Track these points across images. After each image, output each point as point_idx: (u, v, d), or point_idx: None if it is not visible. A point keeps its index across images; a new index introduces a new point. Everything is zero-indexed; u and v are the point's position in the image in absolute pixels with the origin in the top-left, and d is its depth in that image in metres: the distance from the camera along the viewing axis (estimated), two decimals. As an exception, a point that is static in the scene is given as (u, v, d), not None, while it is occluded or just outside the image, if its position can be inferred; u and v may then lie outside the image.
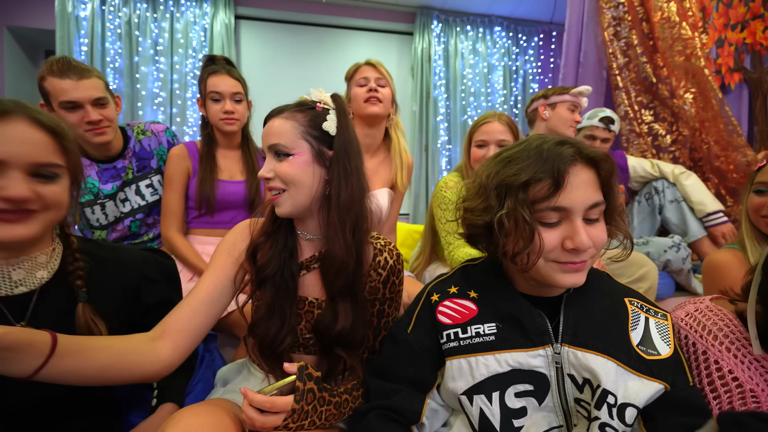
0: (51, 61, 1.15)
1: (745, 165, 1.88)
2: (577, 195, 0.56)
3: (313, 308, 0.75)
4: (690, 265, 1.58)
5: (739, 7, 2.03)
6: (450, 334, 0.64)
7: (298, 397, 0.61)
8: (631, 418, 0.56)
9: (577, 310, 0.64)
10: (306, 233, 0.77)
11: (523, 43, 4.01)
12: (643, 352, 0.61)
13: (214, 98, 1.29)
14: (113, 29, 3.06)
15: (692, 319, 0.70)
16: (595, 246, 0.58)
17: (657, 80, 2.03)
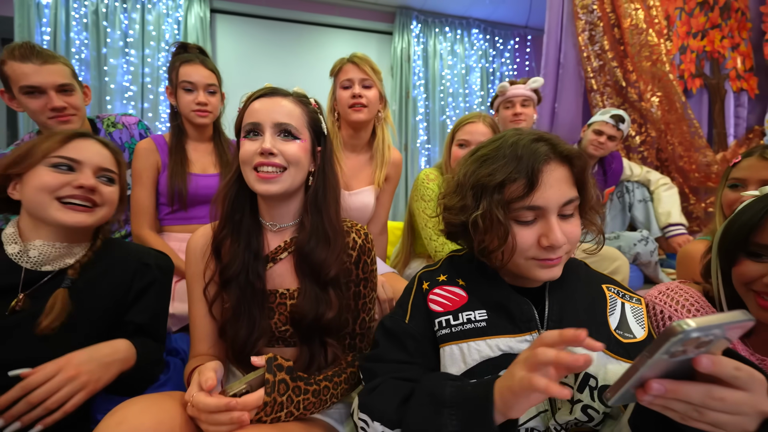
0: (13, 45, 1.09)
1: (705, 165, 2.01)
2: (551, 193, 0.58)
3: (285, 299, 0.74)
4: (657, 257, 1.67)
5: (699, 16, 2.17)
6: (442, 322, 0.65)
7: (269, 390, 0.59)
8: None
9: (560, 297, 0.66)
10: (276, 224, 0.76)
11: (500, 46, 4.11)
12: (621, 335, 0.64)
13: (187, 88, 1.24)
14: (78, 18, 2.91)
15: (665, 296, 0.75)
16: (569, 241, 0.60)
17: (627, 84, 2.14)
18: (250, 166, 0.70)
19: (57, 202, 0.71)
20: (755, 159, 0.98)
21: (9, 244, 0.72)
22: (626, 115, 1.86)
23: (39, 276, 0.72)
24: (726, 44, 2.16)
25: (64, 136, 0.75)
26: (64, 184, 0.71)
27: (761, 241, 0.63)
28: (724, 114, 2.15)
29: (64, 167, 0.73)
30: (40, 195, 0.70)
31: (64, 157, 0.73)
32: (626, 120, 1.85)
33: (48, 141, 0.74)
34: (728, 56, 2.16)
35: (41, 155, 0.72)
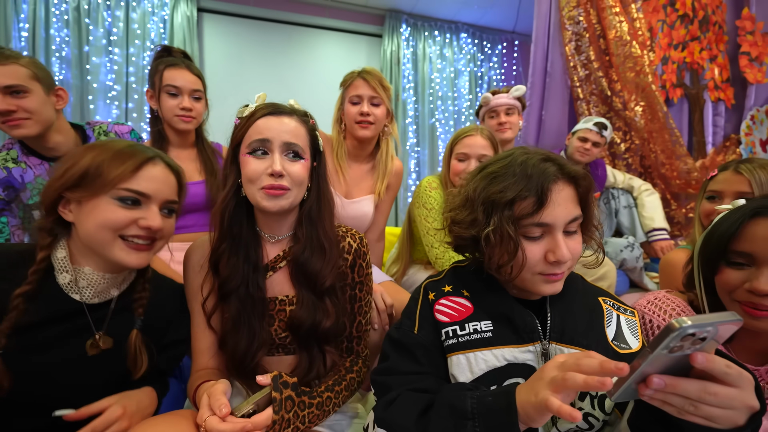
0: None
1: (686, 172, 2.09)
2: (559, 211, 0.61)
3: (284, 306, 0.76)
4: (642, 263, 1.73)
5: (680, 29, 2.25)
6: (449, 332, 0.66)
7: (277, 408, 0.60)
8: (610, 407, 0.62)
9: (561, 309, 0.69)
10: (274, 235, 0.78)
11: (488, 51, 4.17)
12: (617, 346, 0.66)
13: (171, 92, 1.21)
14: (59, 15, 2.82)
15: (653, 306, 0.79)
16: (573, 257, 0.63)
17: (611, 93, 2.20)
18: (258, 186, 0.71)
19: (120, 241, 0.66)
20: (730, 173, 1.03)
21: (61, 273, 0.67)
22: (608, 123, 1.93)
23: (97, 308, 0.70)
24: (705, 56, 2.25)
25: (137, 163, 0.67)
26: (130, 222, 0.66)
27: (739, 248, 0.66)
28: (703, 123, 2.25)
29: (130, 201, 0.66)
30: (103, 232, 0.65)
31: (133, 191, 0.66)
32: (609, 127, 1.92)
33: (119, 167, 0.65)
34: (707, 67, 2.25)
35: (109, 185, 0.64)
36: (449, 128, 3.99)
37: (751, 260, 0.65)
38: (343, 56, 3.79)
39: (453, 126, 4.00)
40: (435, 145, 3.95)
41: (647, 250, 1.92)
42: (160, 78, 1.20)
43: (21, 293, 0.62)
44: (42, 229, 0.67)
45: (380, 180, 1.34)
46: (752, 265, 0.65)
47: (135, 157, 0.67)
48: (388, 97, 1.31)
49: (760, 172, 0.98)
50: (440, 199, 1.30)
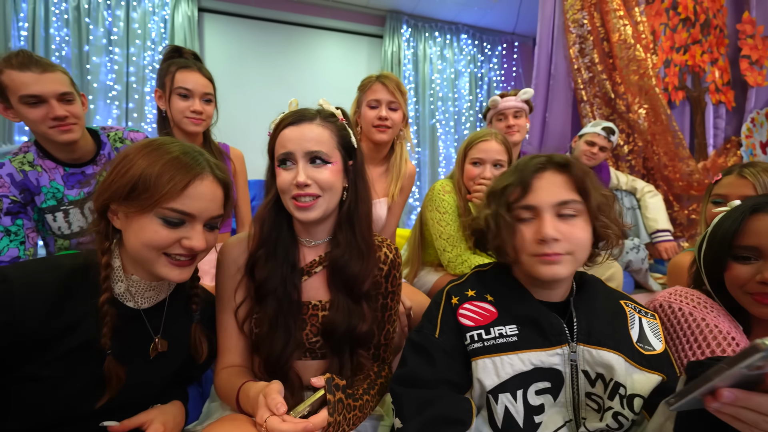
0: (9, 54, 1.05)
1: (688, 174, 2.11)
2: (543, 195, 0.67)
3: (317, 311, 0.77)
4: (647, 264, 1.75)
5: (682, 32, 2.28)
6: (474, 336, 0.67)
7: (331, 410, 0.61)
8: (638, 407, 0.63)
9: (586, 312, 0.70)
10: (311, 240, 0.79)
11: (488, 52, 4.18)
12: (642, 348, 0.68)
13: (182, 94, 1.21)
14: (59, 14, 2.79)
15: (676, 295, 0.80)
16: (566, 240, 0.65)
17: (615, 96, 2.22)
18: (288, 195, 0.72)
19: (164, 258, 0.66)
20: (734, 177, 1.05)
21: (116, 283, 0.68)
22: (615, 127, 1.94)
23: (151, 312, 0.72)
24: (706, 59, 2.28)
25: (186, 180, 0.64)
26: (173, 242, 0.65)
27: (744, 243, 0.69)
28: (704, 125, 2.27)
29: (176, 221, 0.64)
30: (147, 250, 0.64)
31: (179, 211, 0.64)
32: (616, 132, 1.94)
33: (167, 184, 0.62)
34: (708, 70, 2.28)
35: (156, 203, 0.62)
36: (449, 129, 4.01)
37: (758, 253, 0.68)
38: (344, 57, 3.79)
39: (453, 127, 4.01)
40: (435, 145, 3.96)
41: (651, 252, 1.94)
42: (172, 79, 1.20)
43: (104, 300, 0.63)
44: (99, 232, 0.67)
45: (394, 183, 1.35)
46: (760, 258, 0.68)
47: (185, 172, 0.64)
48: (405, 101, 1.32)
49: (764, 176, 1.00)
50: (453, 203, 1.30)
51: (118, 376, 0.65)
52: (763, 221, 0.68)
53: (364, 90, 1.34)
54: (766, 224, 0.67)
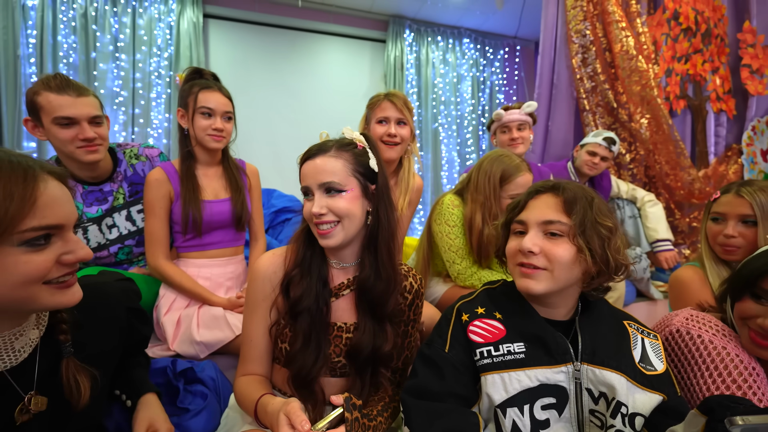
0: (47, 77, 1.12)
1: (689, 183, 2.14)
2: (533, 213, 0.75)
3: (341, 333, 0.80)
4: (649, 274, 1.78)
5: (683, 42, 2.30)
6: (483, 352, 0.71)
7: (349, 428, 0.64)
8: (640, 425, 0.66)
9: (590, 331, 0.73)
10: (339, 262, 0.82)
11: (490, 56, 4.21)
12: (644, 368, 0.71)
13: (205, 113, 1.25)
14: (66, 22, 2.82)
15: (694, 321, 0.81)
16: (545, 255, 0.70)
17: (617, 105, 2.25)
18: (311, 224, 0.77)
19: (47, 288, 0.53)
20: (732, 196, 1.08)
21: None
22: (616, 137, 1.97)
23: (26, 365, 0.57)
24: (707, 68, 2.30)
25: (30, 191, 0.50)
26: (52, 265, 0.53)
27: (767, 287, 0.70)
28: (705, 133, 2.30)
29: (43, 240, 0.52)
30: (23, 289, 0.51)
31: (44, 227, 0.51)
32: (617, 142, 1.96)
33: (9, 205, 0.48)
34: (709, 79, 2.31)
35: (7, 230, 0.48)
36: (452, 133, 4.03)
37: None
38: (347, 61, 3.81)
39: (456, 131, 4.04)
40: (438, 149, 3.98)
41: (652, 260, 1.97)
42: (195, 99, 1.24)
43: None
44: None
45: (403, 196, 1.39)
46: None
47: (22, 180, 0.49)
48: (412, 117, 1.37)
49: (761, 195, 1.02)
50: (462, 217, 1.34)
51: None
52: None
53: (372, 108, 1.38)
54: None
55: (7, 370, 0.55)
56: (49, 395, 0.58)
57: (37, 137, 1.16)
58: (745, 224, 1.03)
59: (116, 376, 0.78)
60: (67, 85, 1.12)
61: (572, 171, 2.02)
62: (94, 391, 0.61)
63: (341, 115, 3.67)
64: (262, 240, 1.40)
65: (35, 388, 0.57)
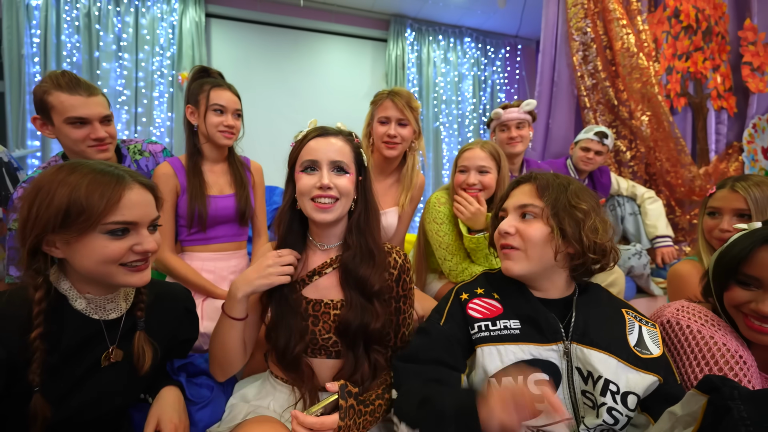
0: (55, 75, 1.12)
1: (690, 180, 2.14)
2: (511, 201, 0.84)
3: (329, 309, 0.83)
4: (649, 270, 1.78)
5: (684, 39, 2.30)
6: (481, 326, 0.76)
7: (343, 415, 0.66)
8: (633, 404, 0.69)
9: (585, 313, 0.77)
10: (324, 244, 0.86)
11: (491, 55, 4.21)
12: (639, 352, 0.74)
13: (217, 110, 1.27)
14: (70, 21, 2.84)
15: (684, 312, 0.83)
16: (520, 235, 0.78)
17: (618, 102, 2.25)
18: (308, 197, 0.80)
19: (122, 268, 0.68)
20: (727, 191, 1.09)
21: (75, 300, 0.70)
22: (608, 131, 1.97)
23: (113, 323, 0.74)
24: (708, 65, 2.31)
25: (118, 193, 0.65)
26: (126, 251, 0.67)
27: (749, 272, 0.72)
28: (706, 131, 2.30)
29: (120, 232, 0.66)
30: (104, 266, 0.66)
31: (121, 222, 0.66)
32: (609, 135, 1.97)
33: (100, 201, 0.63)
34: (710, 77, 2.31)
35: (96, 221, 0.63)
36: (453, 132, 4.04)
37: (759, 284, 0.72)
38: (349, 61, 3.82)
39: (457, 130, 4.05)
40: (439, 148, 3.99)
41: (652, 257, 1.98)
42: (207, 97, 1.26)
43: (36, 336, 0.63)
44: (30, 269, 0.66)
45: (405, 193, 1.39)
46: (760, 288, 0.72)
47: (112, 186, 0.65)
48: (415, 116, 1.36)
49: (755, 190, 1.04)
50: (449, 213, 1.34)
51: (44, 415, 0.64)
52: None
53: (376, 106, 1.38)
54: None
55: (102, 321, 0.73)
56: (125, 354, 0.74)
57: (45, 135, 1.17)
58: (740, 218, 1.04)
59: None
60: (77, 84, 1.12)
61: (571, 168, 2.03)
62: (154, 361, 0.77)
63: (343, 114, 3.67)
64: (265, 236, 1.42)
65: (117, 343, 0.74)
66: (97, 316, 0.72)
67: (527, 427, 0.69)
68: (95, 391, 0.72)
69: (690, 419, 0.55)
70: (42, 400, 0.64)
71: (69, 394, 0.69)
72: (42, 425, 0.65)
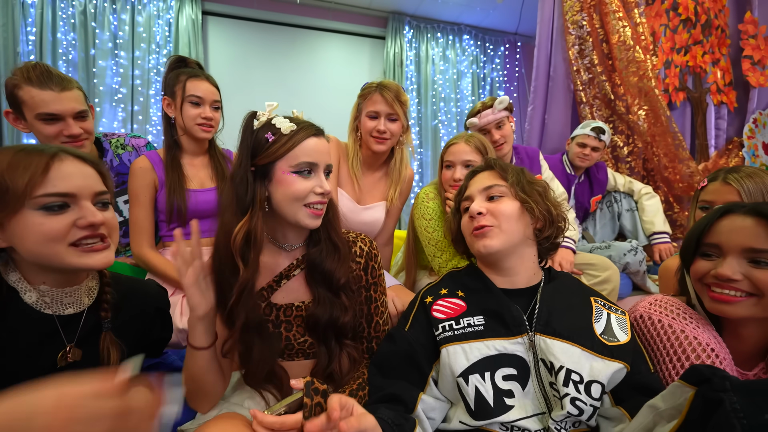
0: (27, 67, 1.07)
1: (689, 175, 2.10)
2: (474, 186, 0.87)
3: (301, 311, 0.80)
4: (645, 267, 1.75)
5: (682, 33, 2.27)
6: (445, 326, 0.75)
7: (307, 414, 0.62)
8: (597, 393, 0.67)
9: (549, 303, 0.76)
10: (291, 245, 0.82)
11: (490, 52, 4.18)
12: (606, 339, 0.73)
13: (194, 102, 1.23)
14: (66, 19, 2.84)
15: (657, 306, 0.82)
16: (491, 213, 0.80)
17: (615, 97, 2.22)
18: (302, 203, 0.74)
19: (73, 249, 0.62)
20: (719, 184, 1.06)
21: (25, 293, 0.65)
22: (606, 126, 1.93)
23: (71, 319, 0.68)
24: (707, 59, 2.27)
25: (42, 164, 0.60)
26: (68, 228, 0.61)
27: (709, 240, 0.74)
28: (705, 126, 2.26)
29: (57, 207, 0.60)
30: (47, 246, 0.60)
31: (53, 194, 0.60)
32: (606, 131, 1.92)
33: (24, 174, 0.59)
34: (709, 71, 2.27)
35: (23, 195, 0.58)
36: (452, 130, 4.01)
37: (720, 251, 0.73)
38: (347, 58, 3.81)
39: (456, 128, 4.02)
40: (438, 146, 3.96)
41: (648, 253, 1.94)
42: (183, 88, 1.23)
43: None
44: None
45: (393, 186, 1.37)
46: (720, 256, 0.72)
47: (36, 157, 0.60)
48: (404, 111, 1.31)
49: (747, 182, 1.01)
50: (438, 209, 1.31)
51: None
52: (729, 222, 0.72)
53: (364, 98, 1.33)
54: (730, 224, 0.72)
55: (57, 316, 0.67)
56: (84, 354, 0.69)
57: (19, 130, 1.13)
58: None
59: None
60: (49, 78, 1.07)
61: (567, 164, 1.99)
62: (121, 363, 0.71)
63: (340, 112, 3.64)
64: None
65: (75, 342, 0.68)
66: (50, 310, 0.66)
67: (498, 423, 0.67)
68: None
69: (674, 412, 0.52)
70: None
71: None
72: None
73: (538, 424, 0.67)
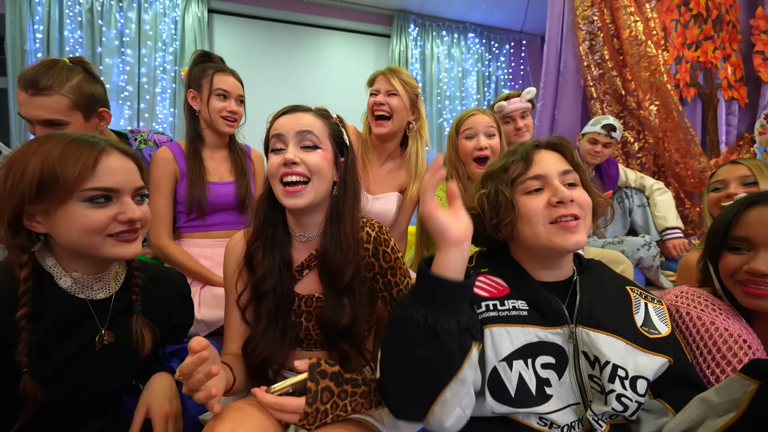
0: (30, 66, 1.03)
1: (700, 171, 2.09)
2: (547, 164, 0.71)
3: (320, 303, 0.78)
4: (658, 261, 1.73)
5: (693, 28, 2.25)
6: (489, 305, 0.69)
7: (311, 400, 0.57)
8: (643, 388, 0.64)
9: (589, 293, 0.71)
10: (304, 234, 0.80)
11: (496, 50, 4.17)
12: (646, 332, 0.69)
13: (221, 95, 1.25)
14: (73, 17, 2.84)
15: (684, 298, 0.80)
16: (578, 204, 0.68)
17: (626, 92, 2.21)
18: (277, 179, 0.73)
19: (109, 239, 0.65)
20: (729, 165, 1.11)
21: (60, 278, 0.67)
22: (617, 123, 1.92)
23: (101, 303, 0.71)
24: (718, 55, 2.25)
25: (93, 158, 0.63)
26: (110, 221, 0.64)
27: (737, 234, 0.71)
28: (716, 122, 2.24)
29: (102, 200, 0.63)
30: (87, 237, 0.63)
31: (99, 188, 0.63)
32: (617, 127, 1.91)
33: (75, 167, 0.61)
34: (720, 66, 2.25)
35: (72, 188, 0.61)
36: (457, 128, 4.01)
37: (750, 245, 0.70)
38: (352, 56, 3.80)
39: (461, 126, 4.01)
40: (443, 144, 3.95)
41: (661, 249, 1.93)
42: (210, 81, 1.24)
43: (23, 315, 0.61)
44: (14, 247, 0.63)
45: (413, 181, 1.36)
46: (750, 249, 0.70)
47: (87, 151, 0.63)
48: (408, 92, 1.32)
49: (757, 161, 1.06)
50: (444, 197, 1.31)
51: (34, 395, 0.62)
52: (757, 213, 0.70)
53: (370, 84, 1.38)
54: (758, 216, 0.70)
55: (89, 300, 0.70)
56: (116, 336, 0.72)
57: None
58: (746, 186, 1.03)
59: None
60: (34, 80, 0.99)
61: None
62: (154, 345, 0.76)
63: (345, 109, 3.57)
64: None
65: (107, 325, 0.72)
66: (83, 295, 0.69)
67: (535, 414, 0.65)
68: (86, 373, 0.69)
69: (729, 406, 0.50)
70: (31, 381, 0.62)
71: (58, 376, 0.66)
72: (33, 407, 0.63)
73: (573, 416, 0.65)
